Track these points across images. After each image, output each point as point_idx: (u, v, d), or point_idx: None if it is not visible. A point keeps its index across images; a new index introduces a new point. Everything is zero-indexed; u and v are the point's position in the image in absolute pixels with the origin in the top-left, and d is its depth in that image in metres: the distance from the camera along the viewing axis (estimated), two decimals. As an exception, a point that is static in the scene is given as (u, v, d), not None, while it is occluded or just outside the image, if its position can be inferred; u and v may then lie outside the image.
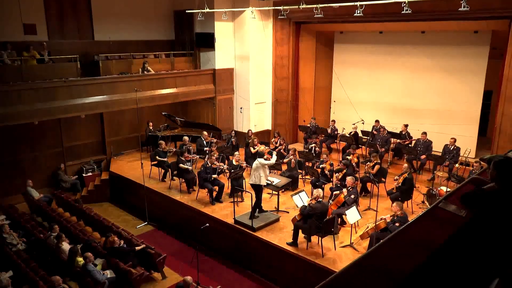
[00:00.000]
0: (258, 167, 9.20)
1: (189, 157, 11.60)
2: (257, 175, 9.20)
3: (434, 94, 13.84)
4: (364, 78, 15.39)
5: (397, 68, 14.55)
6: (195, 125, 14.81)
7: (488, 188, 2.20)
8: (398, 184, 9.91)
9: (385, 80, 14.87)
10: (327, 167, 10.87)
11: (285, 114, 16.48)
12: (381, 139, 13.05)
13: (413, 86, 14.29)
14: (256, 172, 9.21)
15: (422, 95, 14.09)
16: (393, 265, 1.71)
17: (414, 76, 14.22)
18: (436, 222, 2.07)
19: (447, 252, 1.78)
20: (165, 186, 11.91)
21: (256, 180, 9.22)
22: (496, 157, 2.24)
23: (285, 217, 9.76)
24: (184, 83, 14.77)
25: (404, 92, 14.48)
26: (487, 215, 2.05)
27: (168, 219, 11.49)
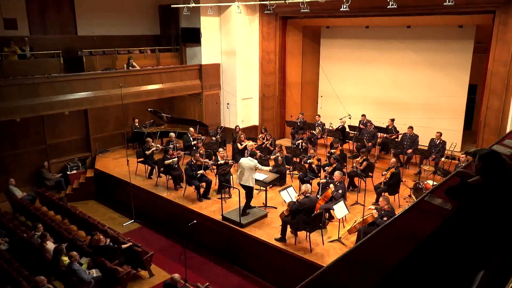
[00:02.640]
0: (251, 169, 9.18)
1: (173, 154, 11.54)
2: (248, 176, 9.18)
3: (420, 88, 13.98)
4: (350, 73, 15.47)
5: (384, 63, 14.66)
6: (181, 121, 14.74)
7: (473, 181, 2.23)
8: (385, 179, 10.00)
9: (371, 74, 14.97)
10: (314, 162, 10.92)
11: (272, 109, 16.48)
12: (368, 134, 13.14)
13: (399, 81, 14.41)
14: (248, 174, 9.18)
15: (408, 89, 14.22)
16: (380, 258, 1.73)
17: (400, 71, 14.34)
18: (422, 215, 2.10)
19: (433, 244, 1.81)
20: (152, 183, 11.84)
21: (250, 182, 9.22)
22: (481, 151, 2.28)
23: (273, 213, 9.79)
24: (170, 78, 14.67)
25: (390, 87, 14.60)
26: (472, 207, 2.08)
27: (155, 216, 11.44)
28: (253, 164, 9.18)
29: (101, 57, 13.99)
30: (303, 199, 8.26)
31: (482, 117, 11.86)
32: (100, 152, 14.27)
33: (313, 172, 10.91)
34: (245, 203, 9.43)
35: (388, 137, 13.18)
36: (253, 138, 13.91)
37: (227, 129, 15.38)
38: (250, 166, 9.19)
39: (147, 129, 14.33)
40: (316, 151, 11.87)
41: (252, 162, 9.21)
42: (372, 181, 10.92)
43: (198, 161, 10.77)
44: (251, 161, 9.23)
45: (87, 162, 13.84)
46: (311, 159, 11.04)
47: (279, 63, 16.04)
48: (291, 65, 16.51)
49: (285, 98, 16.57)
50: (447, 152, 11.68)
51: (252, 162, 9.20)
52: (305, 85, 17.03)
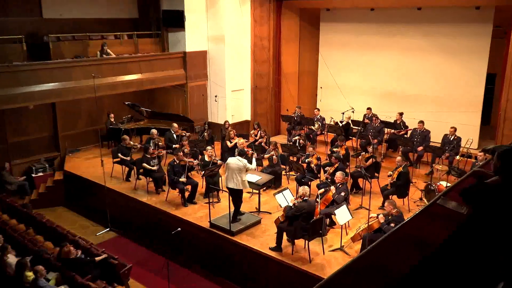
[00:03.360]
0: (241, 170, 9.15)
1: (156, 153, 11.50)
2: (239, 179, 9.17)
3: (432, 78, 14.05)
4: (353, 61, 15.51)
5: (391, 50, 14.71)
6: (163, 116, 14.69)
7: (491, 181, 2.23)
8: (392, 180, 10.05)
9: (377, 63, 15.02)
10: (313, 161, 10.94)
11: (266, 102, 16.49)
12: (373, 129, 13.20)
13: (408, 70, 14.48)
14: (237, 176, 9.17)
15: (418, 79, 14.29)
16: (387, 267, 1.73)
17: (409, 58, 14.40)
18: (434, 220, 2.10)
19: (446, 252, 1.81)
20: (130, 187, 11.79)
21: (239, 185, 9.20)
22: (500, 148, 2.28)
23: (267, 219, 9.79)
24: (150, 68, 14.62)
25: (398, 77, 14.67)
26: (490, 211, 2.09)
27: (134, 224, 11.40)
28: (242, 164, 9.15)
29: (71, 43, 13.88)
30: (300, 203, 8.27)
31: (502, 110, 11.95)
32: (70, 151, 14.18)
33: (312, 173, 10.93)
34: (235, 208, 9.42)
35: (396, 133, 13.24)
36: (245, 134, 13.89)
37: (215, 125, 15.35)
38: (239, 167, 9.15)
39: (124, 125, 14.26)
40: (315, 149, 11.90)
41: (240, 162, 9.19)
42: (378, 183, 10.96)
43: (182, 161, 10.74)
44: (240, 161, 9.20)
45: (55, 163, 13.74)
46: (309, 158, 11.06)
47: (273, 50, 16.03)
48: (287, 52, 16.52)
49: (280, 89, 16.58)
50: (462, 149, 11.76)
51: (241, 163, 9.17)
52: (303, 75, 17.05)
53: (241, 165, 9.14)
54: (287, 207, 8.48)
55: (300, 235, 8.36)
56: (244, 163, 9.18)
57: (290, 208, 8.38)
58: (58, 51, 13.45)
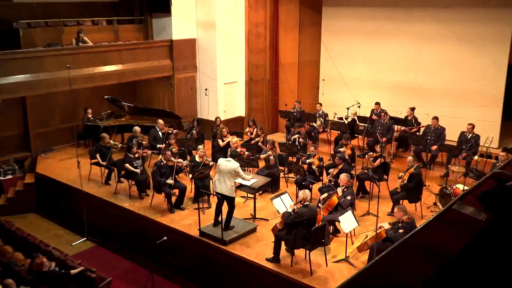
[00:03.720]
0: (231, 174, 9.10)
1: (139, 153, 11.48)
2: (230, 184, 9.14)
3: (447, 69, 14.08)
4: (360, 51, 15.52)
5: (401, 37, 14.73)
6: (147, 111, 14.65)
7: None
8: (403, 182, 10.07)
9: (386, 52, 15.03)
10: (315, 162, 10.95)
11: (262, 96, 16.48)
12: (382, 126, 13.21)
13: (421, 60, 14.50)
14: (229, 181, 9.13)
15: (432, 70, 14.31)
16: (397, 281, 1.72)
17: (422, 47, 14.42)
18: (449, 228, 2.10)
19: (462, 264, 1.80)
20: (110, 191, 11.77)
21: (230, 192, 9.18)
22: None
23: (264, 226, 9.79)
24: (133, 58, 14.59)
25: (410, 68, 14.68)
26: None
27: (114, 232, 11.37)
28: (233, 167, 9.14)
29: (43, 30, 13.81)
30: (301, 209, 8.27)
31: (524, 105, 11.99)
32: (42, 151, 14.14)
33: (314, 175, 10.94)
34: (227, 214, 9.39)
35: (407, 130, 13.27)
36: (239, 132, 13.88)
37: (205, 121, 15.32)
38: (229, 169, 9.12)
39: (103, 122, 14.22)
40: (317, 148, 11.91)
41: (232, 164, 9.17)
42: (387, 186, 10.97)
43: (169, 162, 10.72)
44: (231, 163, 9.19)
45: (26, 164, 13.69)
46: (311, 159, 11.06)
47: (270, 38, 16.02)
48: (286, 41, 16.51)
49: (278, 82, 16.57)
50: (481, 148, 11.79)
51: (233, 165, 9.17)
52: (303, 66, 17.05)
53: (232, 167, 9.11)
54: (286, 213, 8.48)
55: (300, 245, 8.36)
56: (236, 166, 9.14)
57: (289, 214, 8.37)
58: (29, 39, 13.38)
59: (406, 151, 13.57)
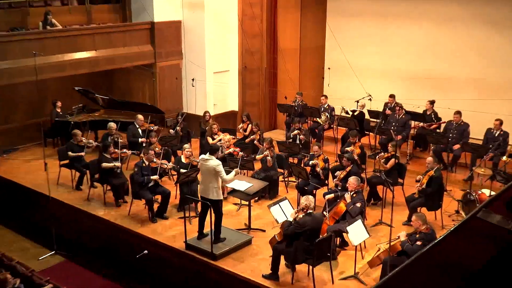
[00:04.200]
0: (211, 173, 9.09)
1: (117, 153, 11.46)
2: (211, 185, 9.13)
3: (472, 56, 14.09)
4: (371, 35, 15.53)
5: (419, 21, 14.73)
6: (125, 105, 14.64)
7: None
8: (421, 187, 10.08)
9: (401, 37, 15.05)
10: (319, 164, 10.95)
11: (257, 88, 16.47)
12: (397, 122, 13.22)
13: (441, 45, 14.50)
14: (210, 182, 9.11)
15: (454, 58, 14.32)
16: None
17: (443, 32, 14.43)
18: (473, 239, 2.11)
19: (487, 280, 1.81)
20: (82, 197, 11.75)
21: (212, 195, 9.17)
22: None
23: (260, 238, 9.79)
24: (108, 43, 14.57)
25: (428, 55, 14.69)
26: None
27: (87, 245, 11.34)
28: (212, 165, 9.08)
29: (6, 12, 13.76)
30: (303, 218, 8.28)
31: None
32: (4, 151, 14.10)
33: (318, 179, 10.94)
34: (214, 224, 9.31)
35: (426, 126, 13.29)
36: (231, 129, 13.86)
37: (193, 116, 15.30)
38: (208, 168, 9.10)
39: (75, 117, 14.18)
40: (322, 147, 11.91)
41: (212, 162, 9.13)
42: (403, 191, 10.99)
43: (151, 163, 10.71)
44: (211, 161, 9.14)
45: (-15, 166, 13.67)
46: (314, 160, 11.07)
47: (267, 20, 16.00)
48: (285, 23, 16.49)
49: (276, 71, 16.56)
50: (510, 148, 11.81)
51: (212, 162, 9.12)
52: (306, 52, 17.05)
53: (211, 166, 9.10)
54: (286, 223, 8.48)
55: (303, 259, 8.37)
56: (216, 164, 9.10)
57: (289, 224, 8.37)
58: (-12, 21, 13.37)
59: (425, 150, 13.59)
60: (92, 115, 14.53)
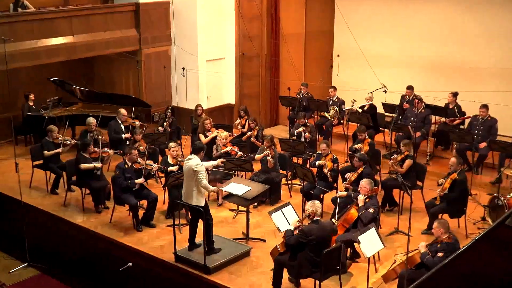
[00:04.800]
0: (191, 176, 9.07)
1: (97, 152, 11.45)
2: (191, 190, 9.11)
3: (500, 43, 14.09)
4: (386, 18, 15.54)
5: (440, 2, 14.72)
6: (106, 98, 14.63)
7: None
8: (443, 191, 10.08)
9: (420, 21, 15.04)
10: (327, 164, 10.95)
11: (257, 78, 16.43)
12: (415, 117, 13.20)
13: (465, 30, 14.49)
14: (189, 186, 9.10)
15: (480, 45, 14.32)
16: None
17: (467, 15, 14.42)
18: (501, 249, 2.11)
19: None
20: (58, 202, 11.76)
21: (193, 200, 9.14)
22: None
23: (260, 249, 9.80)
24: (87, 27, 14.56)
25: (451, 41, 14.68)
26: None
27: (64, 256, 11.35)
28: (191, 165, 9.05)
29: (-30, -8, 13.81)
30: (309, 226, 8.28)
31: None
32: (-31, 150, 14.11)
33: (326, 181, 10.95)
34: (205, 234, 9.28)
35: (448, 122, 13.30)
36: (226, 125, 13.86)
37: (183, 111, 15.29)
38: (187, 169, 9.09)
39: (50, 111, 14.18)
40: (330, 146, 11.90)
41: (191, 162, 9.08)
42: (422, 195, 11.00)
43: (134, 164, 10.71)
44: (191, 161, 9.10)
45: None
46: (321, 160, 11.07)
47: (267, 1, 15.96)
48: (288, 4, 16.48)
49: (278, 59, 16.54)
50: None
51: (191, 162, 9.07)
52: (312, 38, 17.03)
53: (191, 166, 9.04)
54: (289, 232, 8.48)
55: (308, 273, 8.37)
56: (196, 163, 9.03)
57: (292, 232, 8.38)
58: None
59: (447, 149, 13.60)
60: (69, 109, 14.51)
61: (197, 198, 9.13)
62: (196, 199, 9.13)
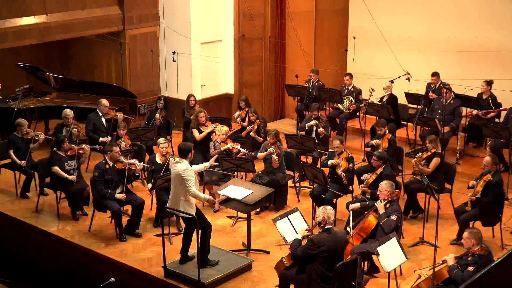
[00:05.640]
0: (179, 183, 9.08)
1: (73, 149, 11.46)
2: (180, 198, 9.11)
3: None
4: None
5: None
6: (84, 87, 14.69)
7: None
8: (475, 195, 10.08)
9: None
10: (341, 164, 10.95)
11: (259, 63, 16.43)
12: (443, 109, 13.18)
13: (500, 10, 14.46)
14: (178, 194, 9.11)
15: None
16: None
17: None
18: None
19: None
20: (29, 207, 11.81)
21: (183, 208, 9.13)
22: None
23: (263, 262, 9.83)
24: (62, 5, 14.55)
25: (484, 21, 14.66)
26: None
27: (36, 270, 11.37)
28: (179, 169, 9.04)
29: None
30: (319, 235, 8.29)
31: None
32: None
33: (339, 184, 10.95)
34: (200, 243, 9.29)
35: (481, 115, 13.29)
36: (224, 119, 13.87)
37: (174, 101, 15.31)
38: (176, 173, 9.08)
39: (19, 102, 14.19)
40: (344, 142, 11.90)
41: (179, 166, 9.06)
42: (451, 200, 11.02)
43: (117, 164, 10.72)
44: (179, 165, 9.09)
45: None
46: (334, 159, 11.07)
47: (272, -26, 15.99)
48: (296, -22, 16.51)
49: (284, 41, 16.54)
50: None
51: (180, 166, 9.05)
52: (323, 17, 17.02)
53: (180, 169, 9.04)
54: (296, 242, 8.50)
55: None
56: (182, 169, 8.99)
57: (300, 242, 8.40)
58: None
59: (480, 147, 13.62)
60: (42, 100, 14.52)
61: (184, 207, 9.14)
62: (183, 209, 9.15)
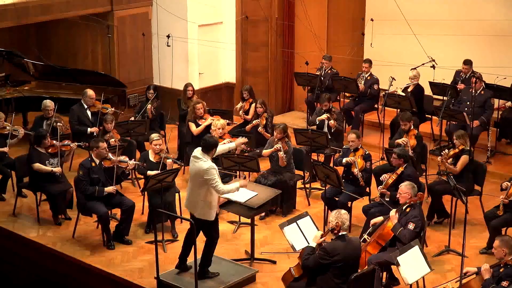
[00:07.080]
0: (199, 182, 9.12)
1: (55, 146, 11.49)
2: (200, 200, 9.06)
3: None
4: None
5: None
6: (67, 75, 14.74)
7: None
8: (508, 198, 10.09)
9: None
10: (357, 163, 10.97)
11: (265, 48, 16.44)
12: (472, 101, 13.19)
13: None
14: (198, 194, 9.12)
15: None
16: None
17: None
18: None
19: None
20: (6, 210, 11.86)
21: (201, 212, 9.11)
22: None
23: (269, 272, 9.85)
24: (42, -18, 14.62)
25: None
26: None
27: (13, 280, 11.41)
28: (202, 167, 8.97)
29: None
30: (332, 243, 8.32)
31: None
32: None
33: (355, 185, 10.97)
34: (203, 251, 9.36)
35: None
36: (225, 111, 13.89)
37: (168, 91, 15.34)
38: (196, 171, 9.01)
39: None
40: (361, 138, 11.91)
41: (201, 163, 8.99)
42: (481, 203, 11.04)
43: (105, 162, 10.75)
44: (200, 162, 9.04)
45: None
46: (349, 157, 11.10)
47: None
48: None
49: (293, 24, 16.55)
50: None
51: (202, 164, 8.99)
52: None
53: (200, 169, 9.05)
54: (308, 250, 8.53)
55: (332, 303, 8.44)
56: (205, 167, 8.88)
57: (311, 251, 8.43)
58: None
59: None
60: (20, 90, 14.56)
61: (203, 210, 9.05)
62: (203, 212, 9.06)
